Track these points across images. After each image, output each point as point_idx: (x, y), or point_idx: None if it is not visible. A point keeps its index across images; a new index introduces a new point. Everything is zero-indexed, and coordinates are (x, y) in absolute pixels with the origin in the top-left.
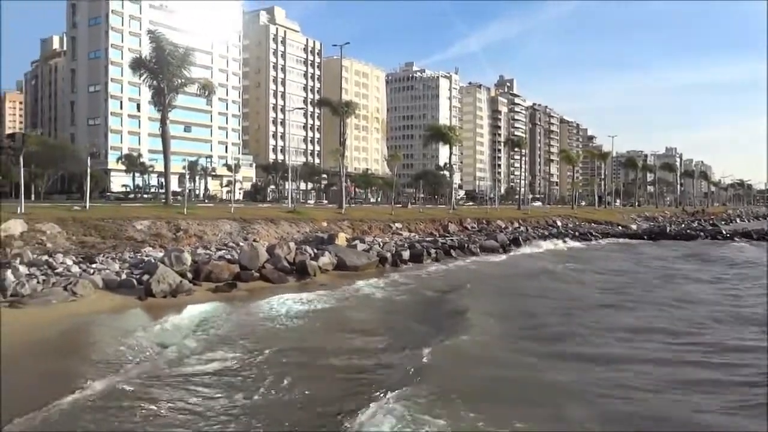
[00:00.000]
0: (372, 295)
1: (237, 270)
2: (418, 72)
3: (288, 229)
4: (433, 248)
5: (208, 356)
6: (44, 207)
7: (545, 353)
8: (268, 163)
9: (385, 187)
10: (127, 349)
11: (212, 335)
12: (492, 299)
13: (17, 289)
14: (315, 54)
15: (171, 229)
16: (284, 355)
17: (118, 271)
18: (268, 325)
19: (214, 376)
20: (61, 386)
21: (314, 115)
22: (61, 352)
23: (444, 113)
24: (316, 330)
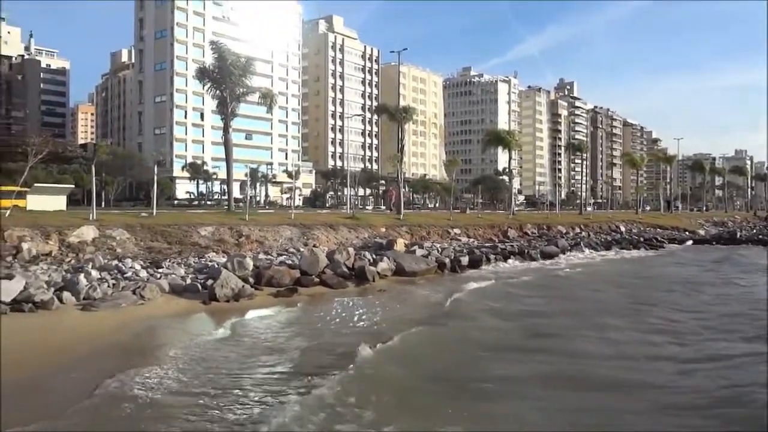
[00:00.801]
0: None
1: (297, 275)
2: (475, 77)
3: (347, 235)
4: (493, 254)
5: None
6: (114, 213)
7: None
8: (327, 170)
9: (443, 193)
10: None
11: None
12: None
13: (89, 293)
14: (372, 61)
15: (233, 235)
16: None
17: (183, 276)
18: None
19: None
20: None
21: (372, 122)
22: (136, 353)
23: (503, 117)
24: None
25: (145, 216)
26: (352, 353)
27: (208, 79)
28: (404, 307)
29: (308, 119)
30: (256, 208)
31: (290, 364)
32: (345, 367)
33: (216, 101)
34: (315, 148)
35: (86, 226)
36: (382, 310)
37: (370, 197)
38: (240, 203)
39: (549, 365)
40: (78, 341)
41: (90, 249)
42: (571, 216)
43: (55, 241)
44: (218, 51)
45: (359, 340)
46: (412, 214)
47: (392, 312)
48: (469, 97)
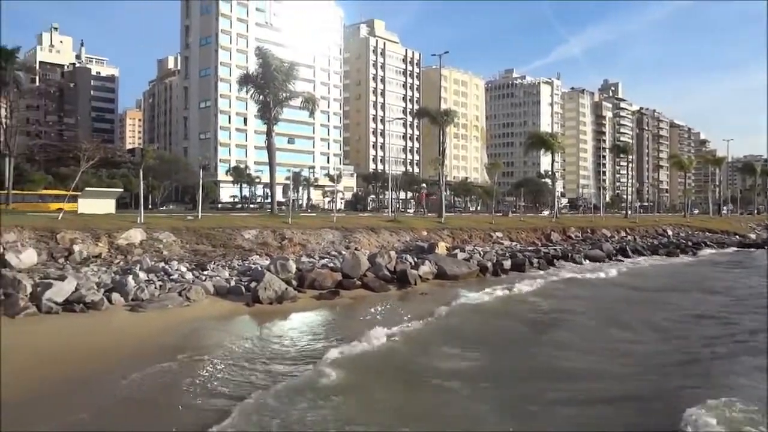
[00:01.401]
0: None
1: (339, 278)
2: (518, 78)
3: (388, 238)
4: (536, 257)
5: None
6: (160, 217)
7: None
8: (368, 173)
9: (485, 196)
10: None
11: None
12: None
13: (137, 294)
14: (414, 64)
15: (276, 238)
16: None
17: (227, 278)
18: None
19: None
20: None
21: (413, 125)
22: (184, 353)
23: (545, 120)
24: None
25: (190, 219)
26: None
27: (252, 85)
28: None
29: (350, 123)
30: (299, 211)
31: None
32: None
33: (259, 106)
34: (356, 152)
35: (134, 229)
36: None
37: (412, 200)
38: (282, 206)
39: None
40: (126, 342)
41: (138, 251)
42: (616, 219)
43: (104, 243)
44: (262, 56)
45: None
46: (453, 217)
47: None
48: (512, 99)
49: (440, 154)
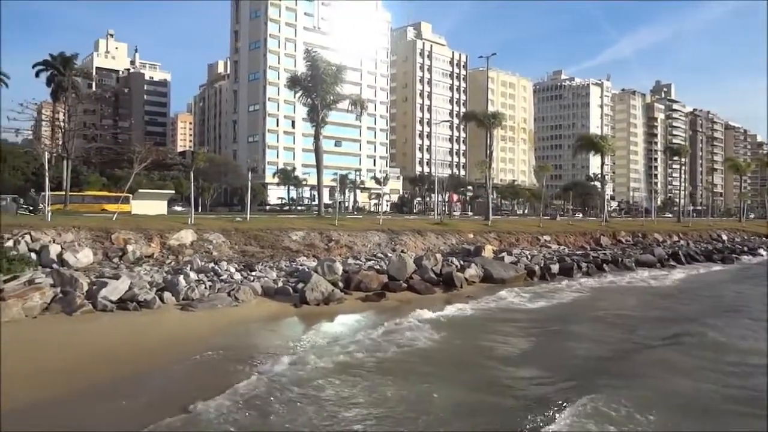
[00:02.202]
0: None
1: (385, 280)
2: (566, 80)
3: (434, 241)
4: (584, 262)
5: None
6: (210, 218)
7: None
8: (414, 176)
9: (532, 199)
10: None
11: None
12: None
13: (188, 294)
14: (461, 66)
15: (323, 240)
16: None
17: (275, 279)
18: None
19: None
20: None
21: (460, 128)
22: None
23: (595, 122)
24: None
25: (239, 221)
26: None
27: (300, 88)
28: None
29: (396, 126)
30: (345, 213)
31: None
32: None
33: (307, 109)
34: (403, 155)
35: (185, 230)
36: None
37: (458, 203)
38: (329, 209)
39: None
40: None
41: (188, 252)
42: (668, 224)
43: (156, 243)
44: (311, 59)
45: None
46: (500, 220)
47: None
48: (560, 101)
49: (487, 157)
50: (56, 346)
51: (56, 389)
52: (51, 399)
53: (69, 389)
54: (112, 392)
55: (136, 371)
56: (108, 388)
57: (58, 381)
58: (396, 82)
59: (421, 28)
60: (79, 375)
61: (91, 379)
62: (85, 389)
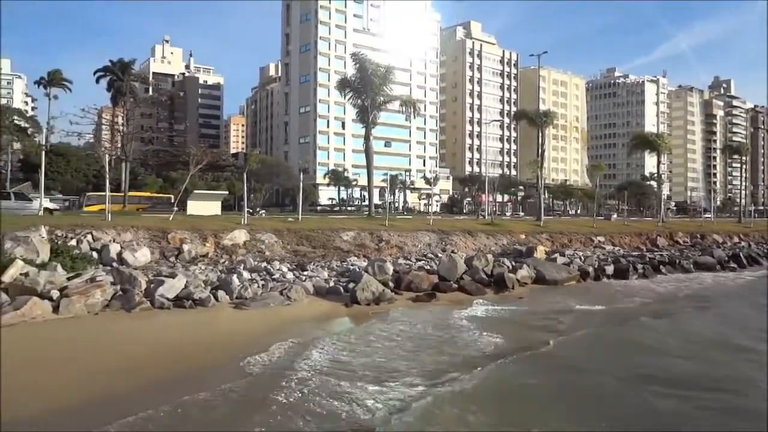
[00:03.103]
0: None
1: (436, 280)
2: (620, 77)
3: (485, 241)
4: (640, 263)
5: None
6: (262, 218)
7: None
8: (464, 176)
9: (585, 199)
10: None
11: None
12: None
13: (241, 293)
14: (511, 65)
15: (374, 240)
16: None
17: (326, 279)
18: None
19: None
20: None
21: (510, 127)
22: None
23: (650, 120)
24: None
25: (291, 221)
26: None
27: (350, 89)
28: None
29: (446, 126)
30: (395, 214)
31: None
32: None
33: (357, 110)
34: (452, 155)
35: (238, 230)
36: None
37: (509, 203)
38: (380, 209)
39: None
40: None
41: (242, 251)
42: (728, 224)
43: (211, 243)
44: (359, 61)
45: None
46: (552, 220)
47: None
48: (614, 99)
49: (539, 156)
50: (118, 341)
51: (117, 384)
52: (113, 394)
53: (129, 384)
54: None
55: (194, 367)
56: (167, 384)
57: (119, 376)
58: (445, 82)
59: (471, 28)
60: (139, 370)
61: (151, 375)
62: (145, 384)
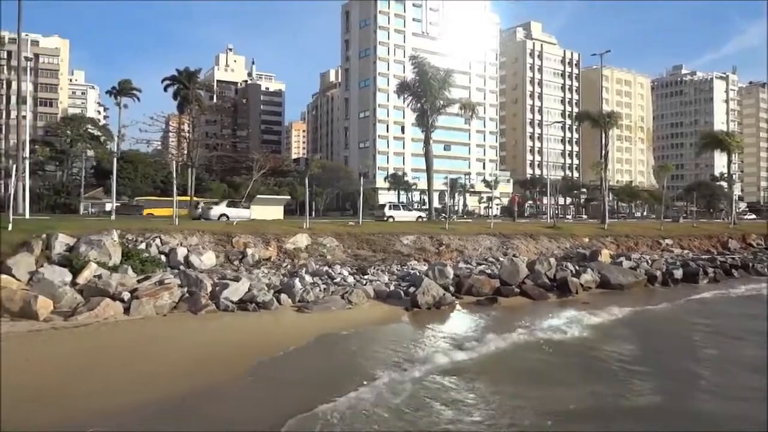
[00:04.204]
0: None
1: (497, 285)
2: (687, 75)
3: (548, 245)
4: (711, 267)
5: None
6: (324, 222)
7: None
8: (525, 179)
9: (651, 201)
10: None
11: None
12: None
13: (303, 296)
14: (573, 65)
15: (434, 244)
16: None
17: (387, 283)
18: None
19: None
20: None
21: (573, 128)
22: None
23: (719, 118)
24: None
25: (351, 225)
26: None
27: (409, 93)
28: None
29: (506, 128)
30: (455, 217)
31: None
32: None
33: (416, 114)
34: (513, 157)
35: (300, 234)
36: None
37: (571, 206)
38: (440, 213)
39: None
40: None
41: (303, 255)
42: None
43: (274, 247)
44: (418, 65)
45: None
46: (617, 223)
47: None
48: (681, 97)
49: (602, 158)
50: (186, 342)
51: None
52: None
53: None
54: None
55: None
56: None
57: (188, 375)
58: (505, 84)
59: (531, 28)
60: (206, 370)
61: (218, 375)
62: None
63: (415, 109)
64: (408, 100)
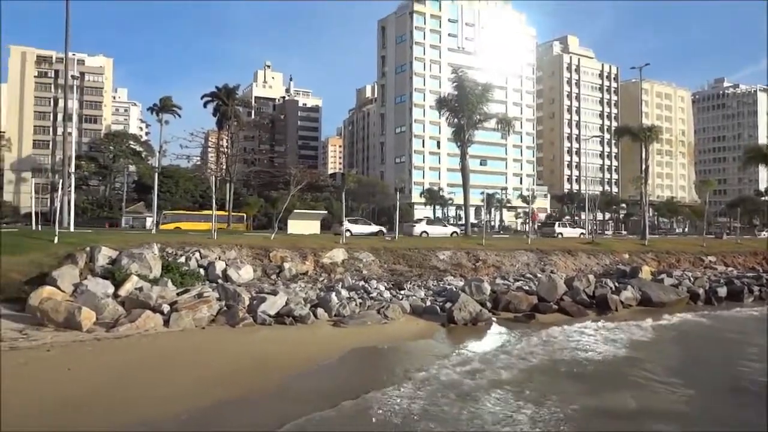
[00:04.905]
0: None
1: (535, 301)
2: (729, 88)
3: (586, 261)
4: (756, 285)
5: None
6: (360, 238)
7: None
8: (562, 194)
9: (693, 216)
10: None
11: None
12: None
13: (339, 310)
14: (611, 79)
15: (470, 260)
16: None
17: (423, 298)
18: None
19: None
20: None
21: (611, 143)
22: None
23: (764, 131)
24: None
25: (388, 240)
26: None
27: (446, 108)
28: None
29: (543, 143)
30: (491, 233)
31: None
32: None
33: (453, 129)
34: (550, 172)
35: (337, 249)
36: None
37: (610, 222)
38: (476, 228)
39: None
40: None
41: (340, 270)
42: None
43: (310, 262)
44: (457, 79)
45: None
46: (658, 239)
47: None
48: (723, 110)
49: (642, 172)
50: (224, 354)
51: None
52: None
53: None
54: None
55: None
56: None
57: (225, 386)
58: (542, 98)
59: (568, 42)
60: (243, 381)
61: (253, 386)
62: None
63: (451, 124)
64: (446, 115)
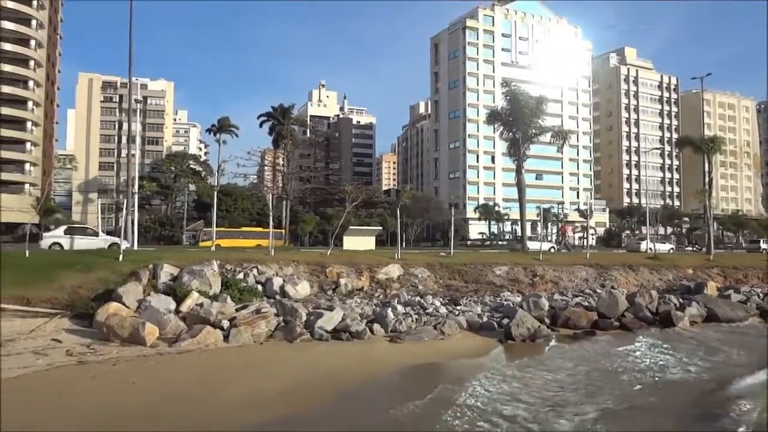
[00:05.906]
0: None
1: (595, 317)
2: None
3: (648, 276)
4: None
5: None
6: (414, 253)
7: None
8: (622, 208)
9: (760, 230)
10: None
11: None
12: None
13: (395, 326)
14: (671, 90)
15: (528, 275)
16: None
17: (479, 314)
18: None
19: None
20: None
21: (672, 155)
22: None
23: None
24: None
25: (443, 255)
26: None
27: (500, 123)
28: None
29: (600, 156)
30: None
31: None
32: None
33: (507, 143)
34: (608, 186)
35: (392, 265)
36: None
37: (672, 236)
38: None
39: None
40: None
41: (395, 285)
42: None
43: (366, 277)
44: (510, 93)
45: None
46: (724, 254)
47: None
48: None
49: (706, 185)
50: (282, 369)
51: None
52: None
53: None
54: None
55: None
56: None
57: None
58: (599, 111)
59: (625, 53)
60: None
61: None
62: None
63: (506, 138)
64: (499, 130)
